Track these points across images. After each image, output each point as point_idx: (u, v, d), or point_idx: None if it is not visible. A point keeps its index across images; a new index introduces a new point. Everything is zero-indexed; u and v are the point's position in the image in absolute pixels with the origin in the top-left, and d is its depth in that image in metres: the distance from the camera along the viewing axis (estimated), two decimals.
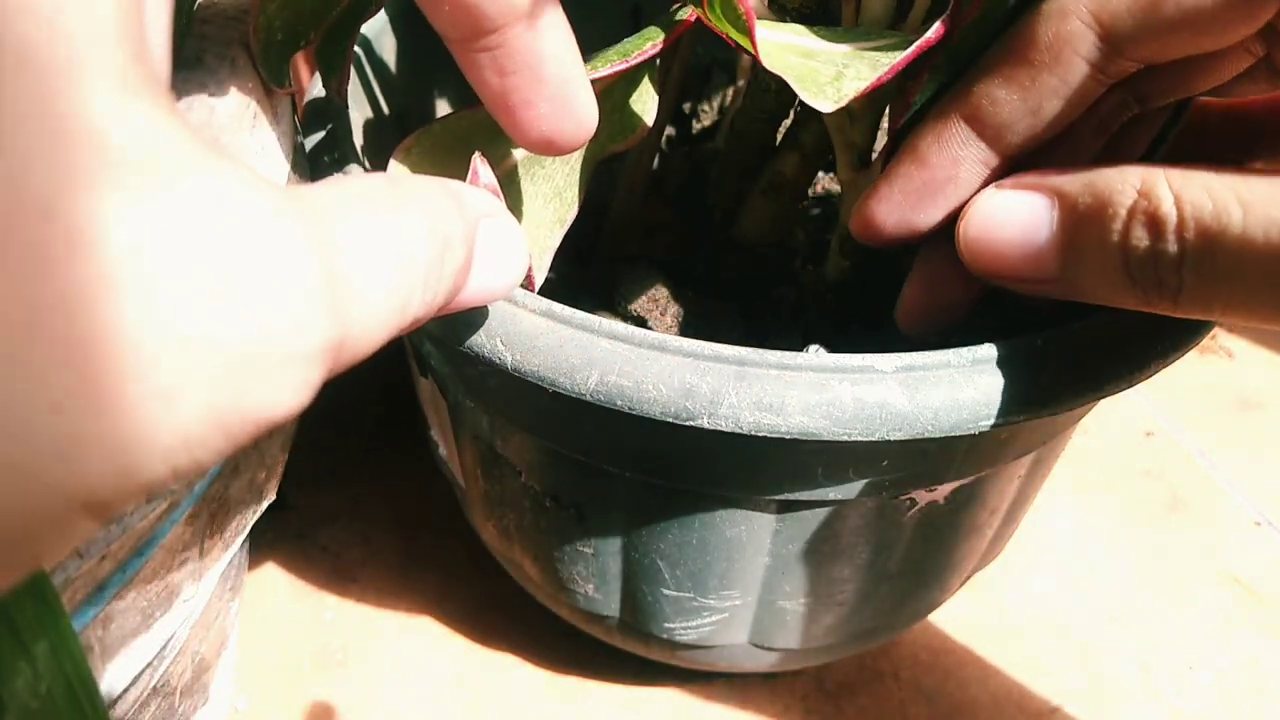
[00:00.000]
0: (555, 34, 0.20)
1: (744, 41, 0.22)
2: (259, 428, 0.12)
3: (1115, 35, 0.19)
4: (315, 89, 0.29)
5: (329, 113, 0.28)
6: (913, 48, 0.20)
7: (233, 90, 0.24)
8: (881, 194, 0.23)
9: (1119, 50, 0.19)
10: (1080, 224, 0.19)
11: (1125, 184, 0.18)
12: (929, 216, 0.22)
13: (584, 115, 0.22)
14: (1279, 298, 0.16)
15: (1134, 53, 0.19)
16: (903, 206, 0.23)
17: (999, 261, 0.21)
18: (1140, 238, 0.18)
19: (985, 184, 0.22)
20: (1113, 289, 0.19)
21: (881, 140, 0.27)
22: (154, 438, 0.10)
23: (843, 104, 0.20)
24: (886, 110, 0.26)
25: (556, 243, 0.26)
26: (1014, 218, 0.20)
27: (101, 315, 0.10)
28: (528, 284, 0.24)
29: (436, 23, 0.20)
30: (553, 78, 0.21)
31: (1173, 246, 0.17)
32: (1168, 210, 0.17)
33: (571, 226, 0.26)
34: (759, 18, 0.26)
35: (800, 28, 0.23)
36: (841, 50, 0.22)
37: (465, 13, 0.19)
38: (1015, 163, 0.21)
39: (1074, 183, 0.20)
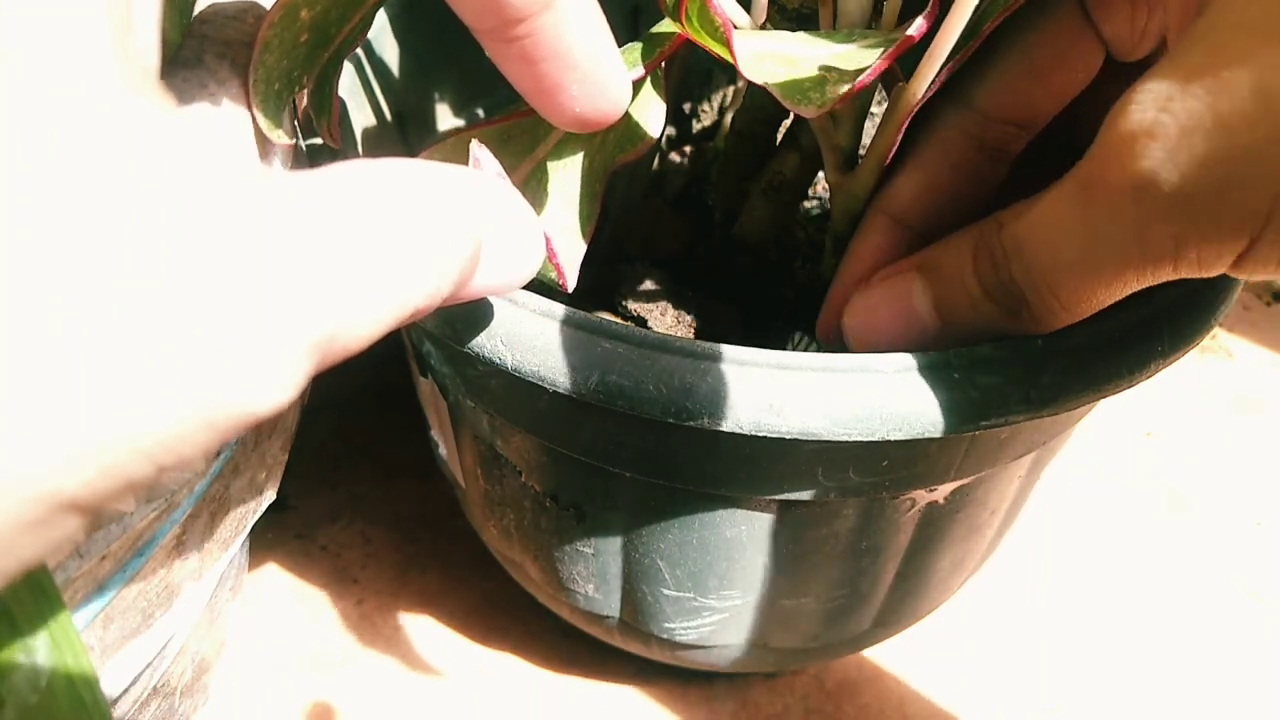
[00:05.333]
0: (583, 18, 0.20)
1: (722, 52, 0.22)
2: (245, 423, 0.11)
3: (984, 113, 0.24)
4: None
5: None
6: (892, 48, 0.20)
7: (233, 90, 0.23)
8: (834, 296, 0.26)
9: (987, 122, 0.24)
10: (945, 279, 0.23)
11: (968, 235, 0.23)
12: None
13: (616, 94, 0.22)
14: (1068, 254, 0.20)
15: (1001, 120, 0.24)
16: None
17: (884, 341, 0.24)
18: (982, 259, 0.22)
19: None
20: (981, 316, 0.23)
21: (868, 140, 0.27)
22: (136, 436, 0.10)
23: (826, 108, 0.20)
24: (869, 111, 0.27)
25: (581, 252, 0.26)
26: (887, 301, 0.24)
27: (79, 310, 0.10)
28: (560, 286, 0.24)
29: (463, 15, 0.20)
30: (583, 62, 0.21)
31: (999, 252, 0.22)
32: (992, 232, 0.22)
33: None
34: (760, 24, 0.26)
35: (780, 34, 0.23)
36: (823, 54, 0.22)
37: (492, 4, 0.19)
38: (928, 230, 0.25)
39: (929, 255, 0.24)
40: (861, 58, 0.21)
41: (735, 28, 0.22)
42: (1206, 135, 0.17)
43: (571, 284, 0.25)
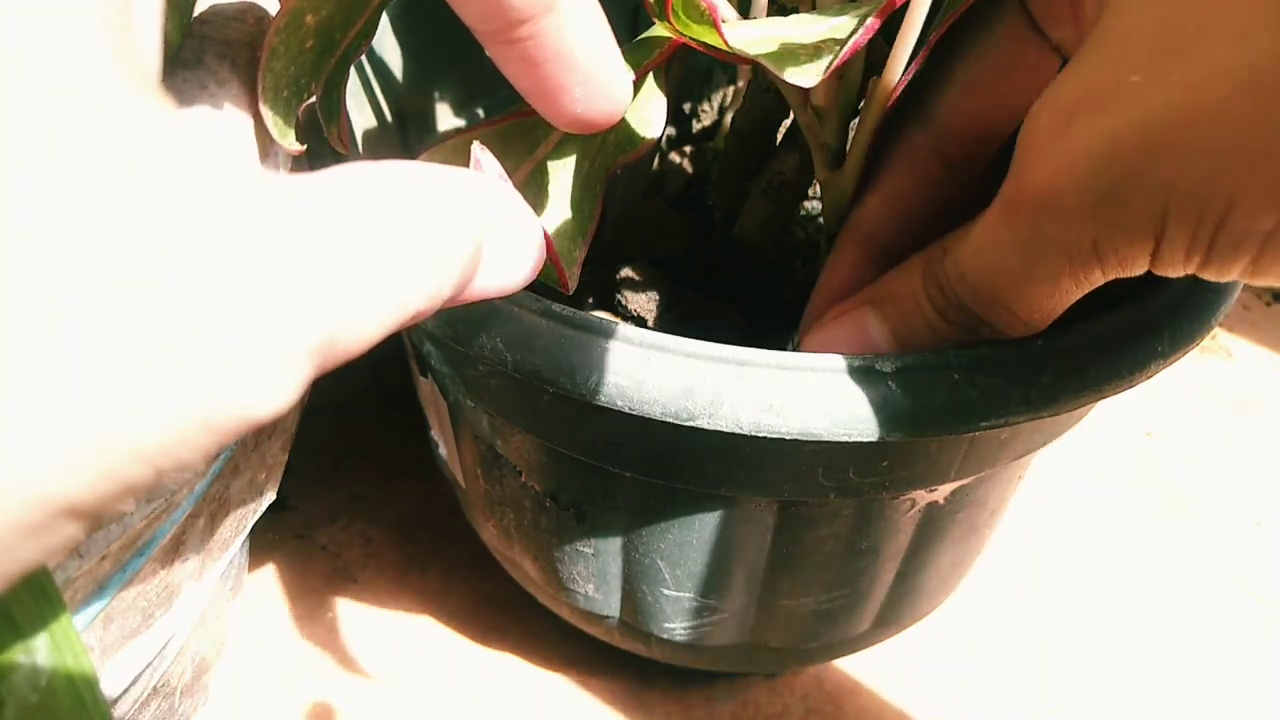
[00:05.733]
0: (585, 20, 0.20)
1: (711, 38, 0.22)
2: (245, 427, 0.11)
3: (943, 128, 0.25)
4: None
5: None
6: (878, 10, 0.21)
7: (233, 90, 0.24)
8: (810, 314, 0.27)
9: (947, 137, 0.25)
10: (899, 308, 0.24)
11: (914, 265, 0.24)
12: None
13: (618, 96, 0.22)
14: (1007, 271, 0.21)
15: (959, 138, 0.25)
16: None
17: None
18: (931, 284, 0.23)
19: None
20: (942, 337, 0.23)
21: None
22: (136, 440, 0.10)
23: (824, 76, 0.20)
24: (856, 110, 0.27)
25: (582, 253, 0.26)
26: (844, 336, 0.24)
27: (78, 312, 0.10)
28: (561, 286, 0.24)
29: (466, 16, 0.20)
30: (584, 64, 0.21)
31: (944, 278, 0.22)
32: (937, 258, 0.23)
33: None
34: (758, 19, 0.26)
35: (769, 20, 0.24)
36: (812, 31, 0.22)
37: (494, 5, 0.19)
38: (898, 246, 0.26)
39: (880, 287, 0.24)
40: (850, 27, 0.21)
41: (724, 21, 0.22)
42: (1098, 148, 0.18)
43: (572, 284, 0.25)
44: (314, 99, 0.25)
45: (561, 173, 0.26)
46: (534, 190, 0.26)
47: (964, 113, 0.24)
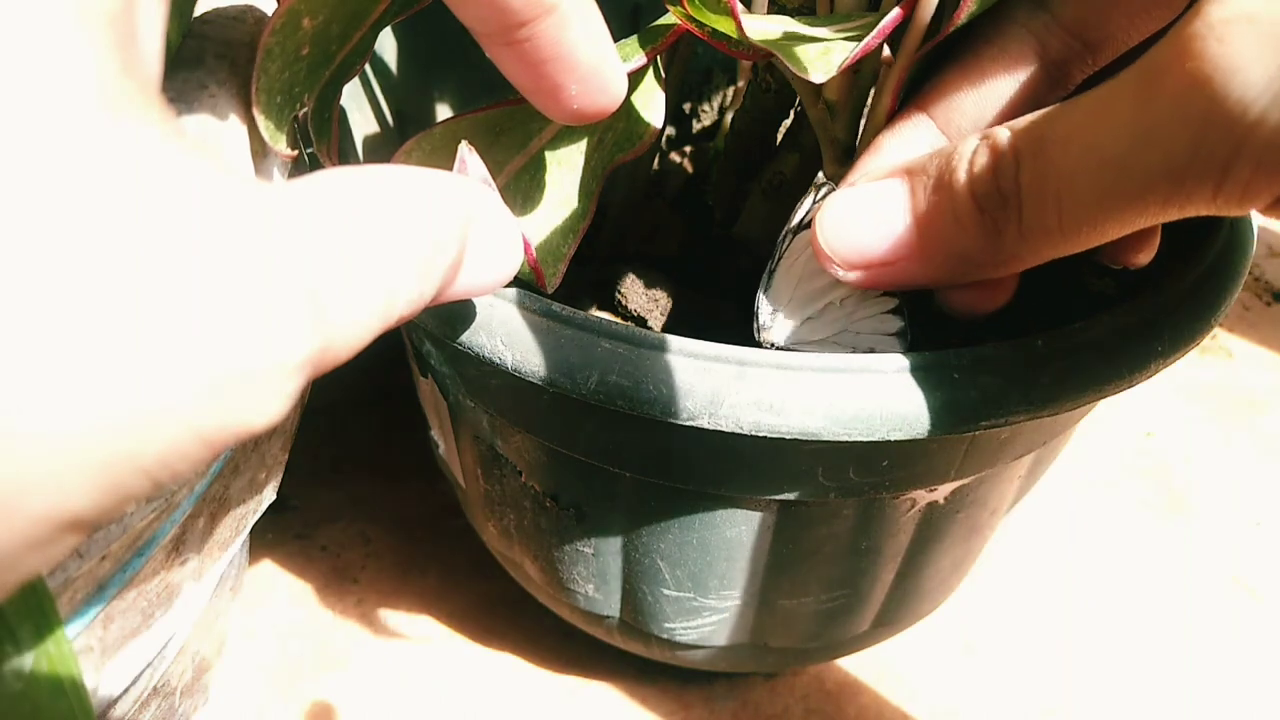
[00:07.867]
0: (583, 20, 0.20)
1: (727, 26, 0.22)
2: (240, 439, 0.11)
3: (1055, 17, 0.22)
4: None
5: None
6: (888, 19, 0.21)
7: (233, 91, 0.24)
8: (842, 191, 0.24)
9: (1054, 28, 0.22)
10: (933, 184, 0.21)
11: (969, 140, 0.21)
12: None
13: (614, 91, 0.22)
14: (1101, 156, 0.18)
15: (1075, 33, 0.22)
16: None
17: (856, 248, 0.22)
18: (981, 161, 0.20)
19: None
20: (961, 232, 0.21)
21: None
22: (136, 455, 0.10)
23: (833, 74, 0.20)
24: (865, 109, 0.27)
25: (570, 251, 0.26)
26: (869, 204, 0.22)
27: (79, 327, 0.10)
28: (540, 286, 0.24)
29: (464, 18, 0.20)
30: (582, 63, 0.21)
31: (1009, 160, 0.20)
32: (1003, 134, 0.20)
33: None
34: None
35: (783, 18, 0.24)
36: (825, 31, 0.22)
37: (494, 9, 0.19)
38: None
39: (922, 158, 0.22)
40: (863, 32, 0.22)
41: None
42: None
43: (555, 283, 0.25)
44: (306, 109, 0.25)
45: (555, 169, 0.26)
46: (527, 185, 0.26)
47: (1083, 8, 0.22)
